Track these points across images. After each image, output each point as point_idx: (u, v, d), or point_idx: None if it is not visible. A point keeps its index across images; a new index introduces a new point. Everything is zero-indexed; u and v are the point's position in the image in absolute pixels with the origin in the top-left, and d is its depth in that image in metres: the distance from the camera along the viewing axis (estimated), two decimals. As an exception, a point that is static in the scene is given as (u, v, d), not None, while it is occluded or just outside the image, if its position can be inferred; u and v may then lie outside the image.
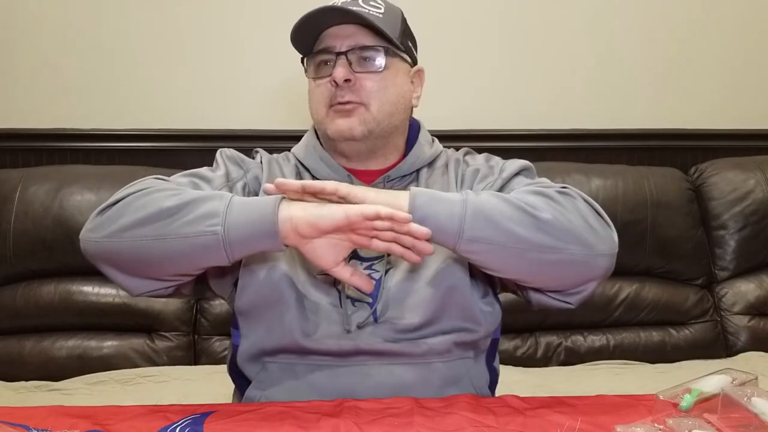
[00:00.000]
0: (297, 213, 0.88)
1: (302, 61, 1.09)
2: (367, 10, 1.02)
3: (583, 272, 0.94)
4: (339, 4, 1.02)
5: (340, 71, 1.01)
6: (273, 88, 2.00)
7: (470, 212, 0.89)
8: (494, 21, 2.05)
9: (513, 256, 0.90)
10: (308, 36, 1.05)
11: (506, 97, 2.07)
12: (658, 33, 2.09)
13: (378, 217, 0.85)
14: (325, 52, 1.04)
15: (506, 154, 1.17)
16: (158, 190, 0.95)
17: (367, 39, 1.03)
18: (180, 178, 1.04)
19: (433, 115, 1.13)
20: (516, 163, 1.08)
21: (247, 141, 1.89)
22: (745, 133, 2.15)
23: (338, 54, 1.02)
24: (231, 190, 1.04)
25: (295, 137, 1.19)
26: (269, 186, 0.93)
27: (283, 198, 0.91)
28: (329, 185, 0.90)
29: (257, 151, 1.15)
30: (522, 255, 0.90)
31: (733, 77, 2.14)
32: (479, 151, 1.18)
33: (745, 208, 1.94)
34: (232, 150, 1.12)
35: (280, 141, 1.53)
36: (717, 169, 2.01)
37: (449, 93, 1.95)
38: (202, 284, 1.05)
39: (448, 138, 1.20)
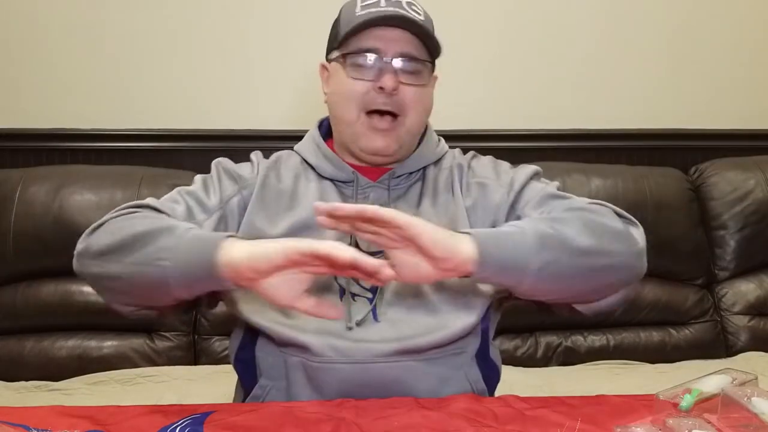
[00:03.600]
0: (236, 256, 0.84)
1: (332, 55, 1.06)
2: (413, 16, 1.00)
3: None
4: (384, 6, 1.00)
5: (391, 80, 0.99)
6: (274, 88, 1.99)
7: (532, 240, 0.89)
8: (495, 21, 2.05)
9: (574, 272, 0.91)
10: (348, 32, 1.03)
11: (507, 97, 2.07)
12: (658, 33, 2.09)
13: (313, 255, 0.81)
14: (371, 53, 1.01)
15: (506, 154, 1.17)
16: (133, 218, 0.95)
17: (415, 49, 1.02)
18: (175, 205, 1.02)
19: (434, 115, 1.14)
20: (525, 170, 1.08)
21: (248, 141, 1.88)
22: (745, 133, 2.15)
23: (386, 61, 1.00)
24: (225, 211, 1.04)
25: (297, 137, 1.19)
26: (320, 210, 0.84)
27: (229, 237, 0.88)
28: (386, 214, 0.83)
29: (255, 154, 1.14)
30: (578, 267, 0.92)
31: (733, 77, 2.13)
32: (481, 151, 1.17)
33: (745, 208, 1.94)
34: (228, 162, 1.11)
35: (281, 141, 1.51)
36: (717, 169, 2.00)
37: (450, 93, 1.92)
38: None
39: (450, 138, 1.20)
